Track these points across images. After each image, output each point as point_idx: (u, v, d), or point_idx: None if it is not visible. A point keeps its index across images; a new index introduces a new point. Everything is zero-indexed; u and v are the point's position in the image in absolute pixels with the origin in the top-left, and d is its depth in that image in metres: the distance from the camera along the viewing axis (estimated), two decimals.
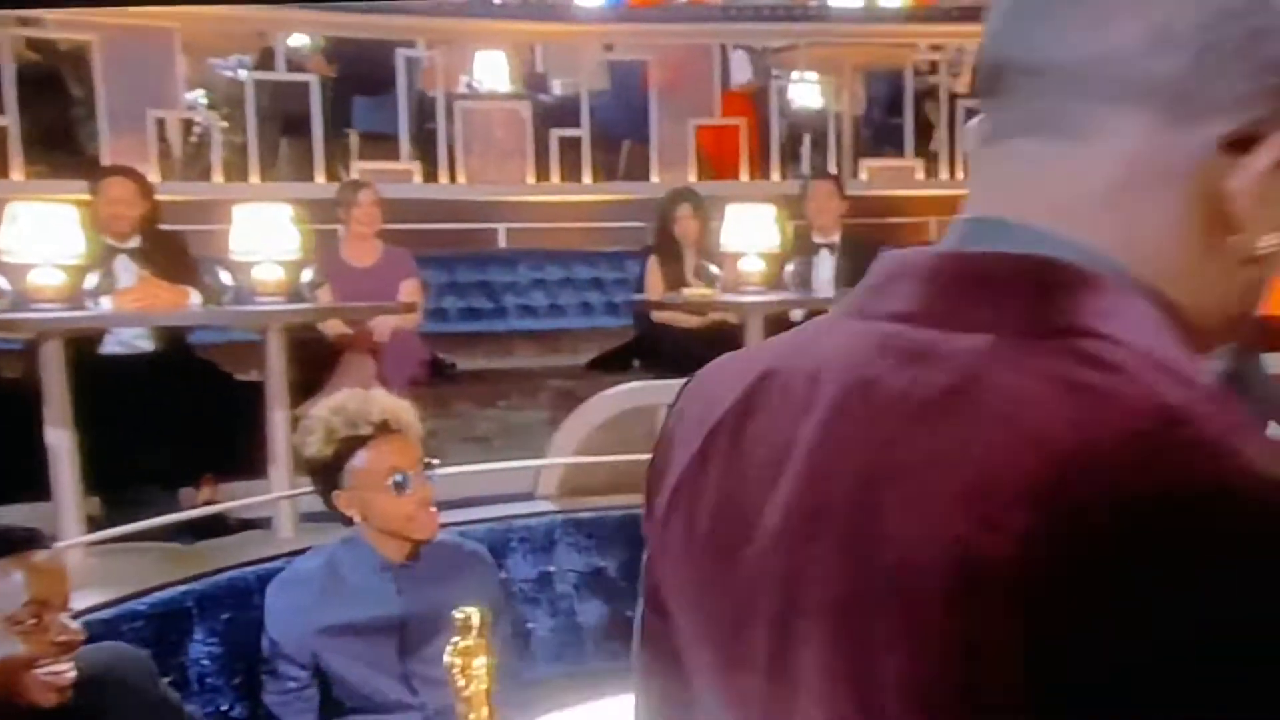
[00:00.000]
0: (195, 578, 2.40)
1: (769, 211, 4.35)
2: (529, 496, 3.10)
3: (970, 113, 4.32)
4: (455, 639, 1.67)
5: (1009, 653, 0.41)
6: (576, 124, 5.80)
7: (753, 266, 4.26)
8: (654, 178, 5.73)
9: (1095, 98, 0.49)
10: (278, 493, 2.95)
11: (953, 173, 5.71)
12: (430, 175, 5.71)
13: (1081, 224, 0.50)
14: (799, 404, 0.52)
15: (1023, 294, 0.49)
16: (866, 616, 0.46)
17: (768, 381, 0.55)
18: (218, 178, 5.41)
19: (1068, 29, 0.50)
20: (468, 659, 1.67)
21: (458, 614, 1.68)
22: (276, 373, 3.07)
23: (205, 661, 2.32)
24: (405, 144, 5.74)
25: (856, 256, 4.60)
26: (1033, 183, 0.51)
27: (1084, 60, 0.49)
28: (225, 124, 5.69)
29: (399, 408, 2.20)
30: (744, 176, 5.76)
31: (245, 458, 3.21)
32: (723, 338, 4.29)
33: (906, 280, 0.53)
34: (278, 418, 3.01)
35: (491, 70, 6.38)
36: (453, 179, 5.72)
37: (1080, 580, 0.40)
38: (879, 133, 6.16)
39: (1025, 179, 0.52)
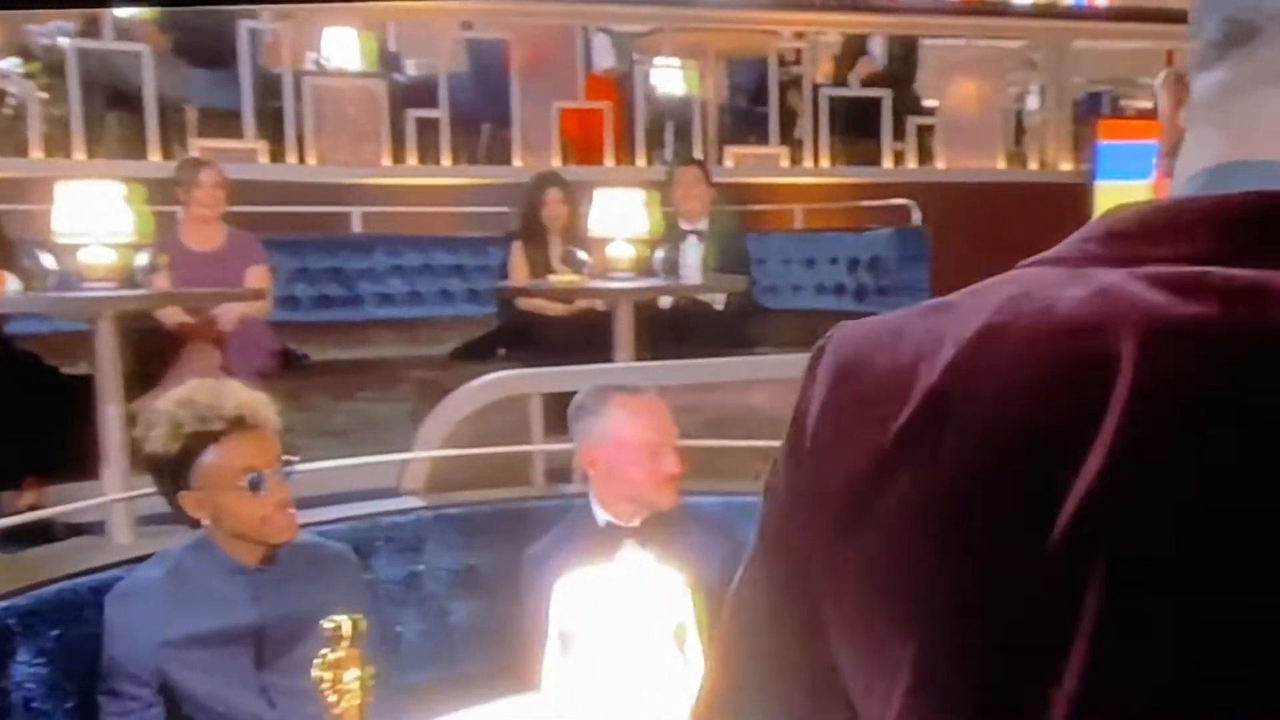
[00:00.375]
0: (18, 591, 2.14)
1: (638, 196, 4.28)
2: (394, 493, 2.94)
3: (833, 100, 4.35)
4: (324, 651, 1.52)
5: None
6: (434, 104, 5.60)
7: (622, 252, 4.19)
8: (516, 161, 5.59)
9: None
10: (111, 495, 2.71)
11: (816, 161, 5.76)
12: (277, 155, 5.44)
13: None
14: (1081, 355, 0.49)
15: None
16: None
17: (1002, 334, 0.51)
18: (36, 153, 4.99)
19: None
20: (338, 672, 1.52)
21: (327, 624, 1.53)
22: (108, 365, 2.83)
23: (31, 685, 2.07)
24: (249, 122, 5.43)
25: (724, 243, 4.59)
26: None
27: None
28: (44, 95, 5.25)
29: (255, 401, 2.02)
30: (609, 162, 5.68)
31: (74, 458, 2.97)
32: (591, 325, 4.22)
33: (1186, 226, 0.51)
34: (110, 414, 2.77)
35: (341, 47, 6.11)
36: (302, 160, 5.45)
37: None
38: (744, 120, 6.17)
39: None
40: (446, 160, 5.62)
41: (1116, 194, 5.49)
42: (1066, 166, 5.71)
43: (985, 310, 0.52)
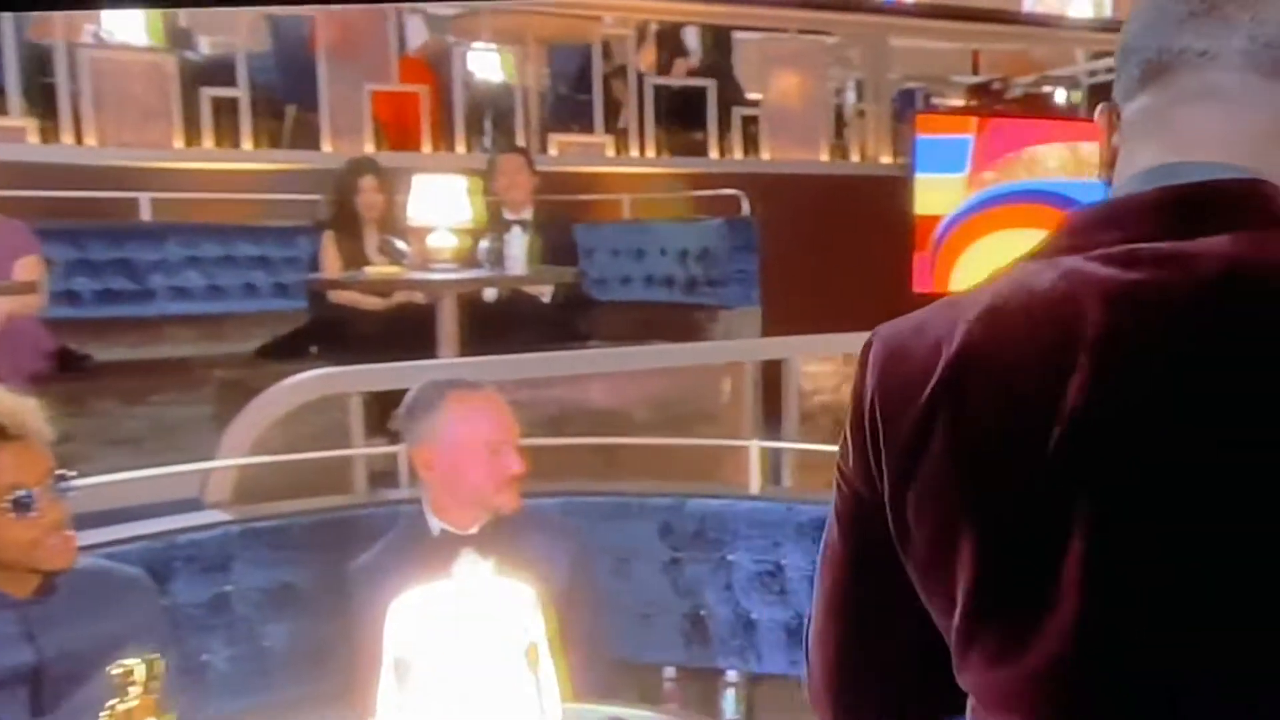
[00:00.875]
0: None
1: (459, 183, 4.09)
2: (196, 505, 2.64)
3: (658, 89, 4.25)
4: (112, 702, 1.28)
5: None
6: (232, 83, 5.19)
7: (443, 242, 3.99)
8: (325, 146, 5.26)
9: (1254, 73, 0.71)
10: None
11: (643, 150, 5.68)
12: (50, 134, 4.90)
13: (1243, 157, 0.70)
14: (1056, 319, 0.67)
15: (1251, 202, 0.68)
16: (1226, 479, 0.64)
17: (999, 313, 0.70)
18: None
19: (1233, 25, 0.71)
20: None
21: (115, 669, 1.29)
22: None
23: None
24: (15, 97, 4.89)
25: (549, 233, 4.45)
26: (1206, 134, 0.71)
27: (1245, 48, 0.70)
28: None
29: (20, 408, 1.75)
30: (427, 148, 5.42)
31: None
32: (412, 319, 4.01)
33: (1126, 216, 0.71)
34: None
35: (122, 21, 5.58)
36: (79, 140, 4.93)
37: None
38: (567, 108, 6.03)
39: (1199, 131, 0.71)
40: (247, 144, 5.23)
41: (934, 186, 5.73)
42: (886, 160, 5.85)
43: (985, 297, 0.72)
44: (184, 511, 2.58)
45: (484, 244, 3.99)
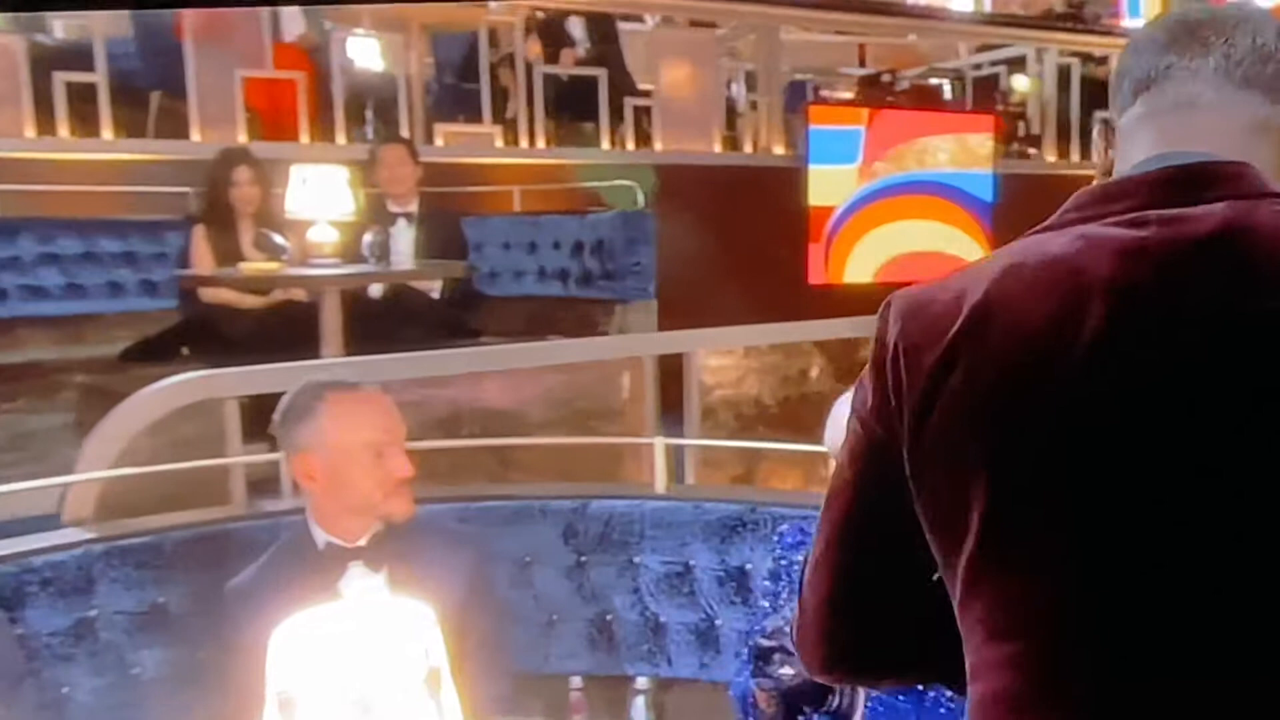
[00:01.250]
0: None
1: (340, 174, 3.91)
2: (53, 523, 2.43)
3: (547, 79, 4.15)
4: None
5: None
6: (89, 69, 4.86)
7: (324, 236, 3.82)
8: (194, 136, 4.97)
9: (1231, 85, 0.86)
10: None
11: (532, 141, 5.55)
12: None
13: (1228, 151, 0.83)
14: (1072, 270, 0.79)
15: (1238, 178, 0.82)
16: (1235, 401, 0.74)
17: (1019, 269, 0.81)
18: None
19: (1210, 46, 0.87)
20: None
21: None
22: None
23: None
24: None
25: (436, 227, 4.30)
26: (1193, 132, 0.85)
27: (1220, 65, 0.86)
28: None
29: None
30: (304, 138, 5.18)
31: None
32: (292, 317, 3.83)
33: (1132, 190, 0.83)
34: None
35: None
36: None
37: None
38: (453, 97, 5.85)
39: (1187, 130, 0.86)
40: (108, 133, 4.90)
41: (828, 178, 5.72)
42: (779, 151, 5.84)
43: (1004, 258, 0.83)
44: (40, 530, 2.37)
45: (368, 238, 3.82)
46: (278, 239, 3.80)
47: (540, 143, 5.56)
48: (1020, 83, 7.05)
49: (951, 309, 0.80)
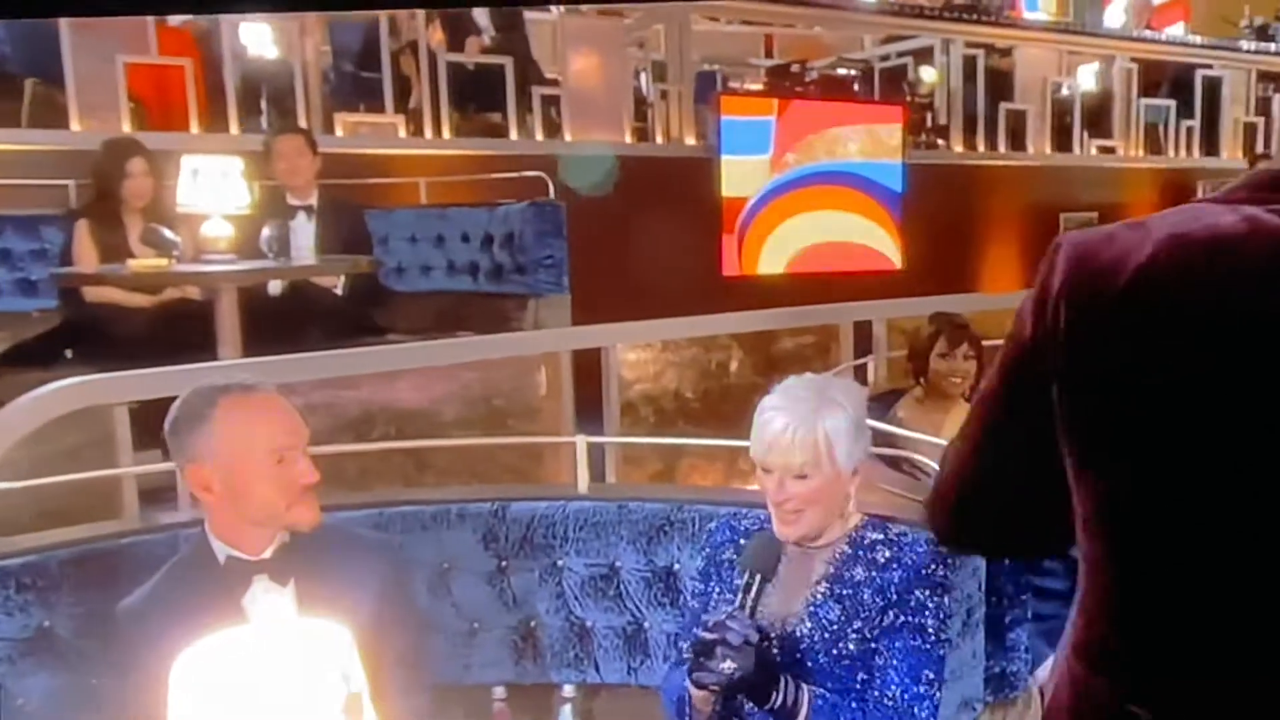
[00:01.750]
0: None
1: (235, 165, 3.72)
2: None
3: (452, 67, 4.02)
4: None
5: None
6: None
7: (219, 231, 3.63)
8: (74, 125, 4.70)
9: None
10: None
11: (438, 131, 5.38)
12: None
13: None
14: (1234, 250, 0.88)
15: None
16: None
17: (1185, 238, 0.90)
18: None
19: None
20: None
21: None
22: None
23: None
24: None
25: (338, 220, 4.14)
26: None
27: None
28: None
29: None
30: (195, 128, 4.94)
31: None
32: (185, 317, 3.64)
33: None
34: None
35: None
36: None
37: None
38: (353, 86, 5.64)
39: None
40: None
41: (740, 168, 5.69)
42: (690, 141, 5.79)
43: (1169, 224, 0.92)
44: None
45: (267, 232, 3.64)
46: (168, 234, 3.59)
47: (446, 133, 5.40)
48: (927, 74, 7.14)
49: (1116, 265, 0.90)
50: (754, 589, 1.63)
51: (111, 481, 2.42)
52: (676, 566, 2.13)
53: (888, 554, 1.73)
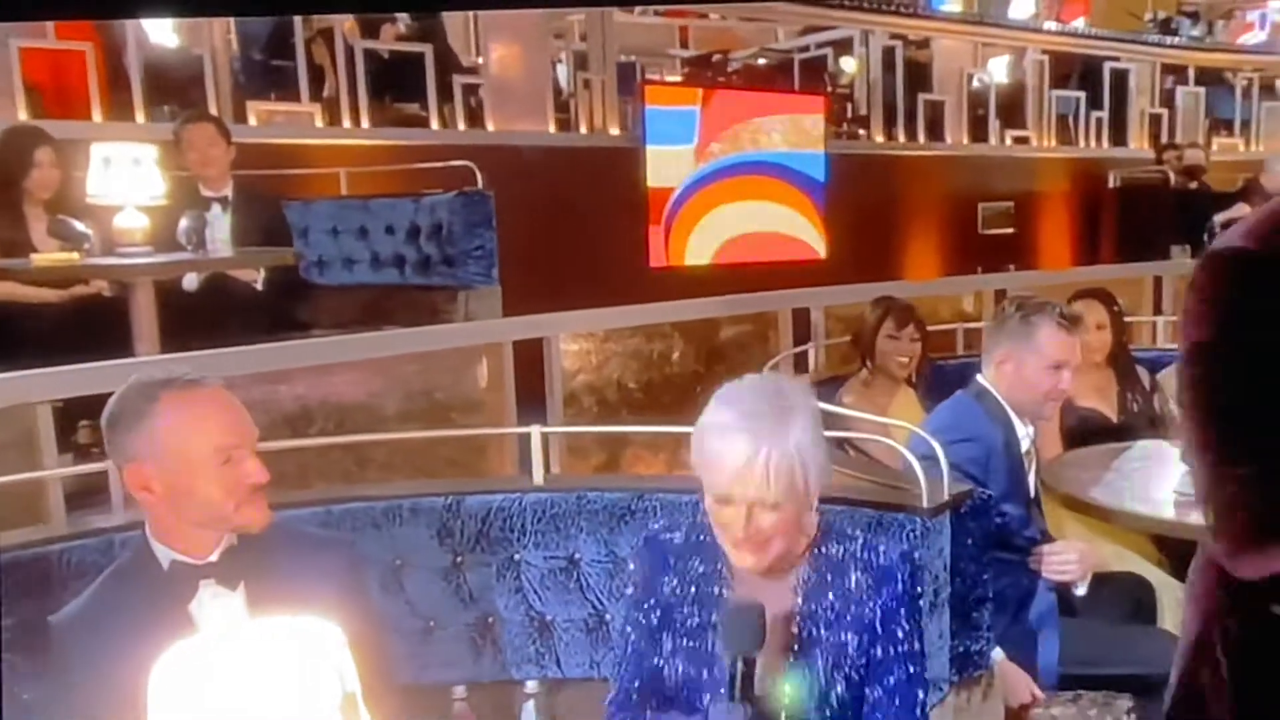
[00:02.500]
0: None
1: (149, 153, 3.54)
2: None
3: (369, 55, 3.87)
4: None
5: None
6: None
7: (133, 222, 3.46)
8: None
9: None
10: None
11: (356, 120, 5.22)
12: None
13: None
14: None
15: None
16: None
17: None
18: None
19: None
20: None
21: None
22: None
23: None
24: None
25: (254, 211, 3.99)
26: None
27: None
28: None
29: None
30: (98, 116, 4.71)
31: None
32: (97, 312, 3.46)
33: None
34: None
35: None
36: None
37: None
38: (264, 74, 5.44)
39: None
40: None
41: (665, 159, 5.65)
42: (615, 131, 5.74)
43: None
44: None
45: (185, 223, 3.48)
46: (79, 226, 3.41)
47: (365, 122, 5.25)
48: (847, 65, 7.22)
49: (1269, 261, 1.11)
50: (741, 673, 1.40)
51: (35, 485, 2.27)
52: None
53: (857, 577, 1.55)
